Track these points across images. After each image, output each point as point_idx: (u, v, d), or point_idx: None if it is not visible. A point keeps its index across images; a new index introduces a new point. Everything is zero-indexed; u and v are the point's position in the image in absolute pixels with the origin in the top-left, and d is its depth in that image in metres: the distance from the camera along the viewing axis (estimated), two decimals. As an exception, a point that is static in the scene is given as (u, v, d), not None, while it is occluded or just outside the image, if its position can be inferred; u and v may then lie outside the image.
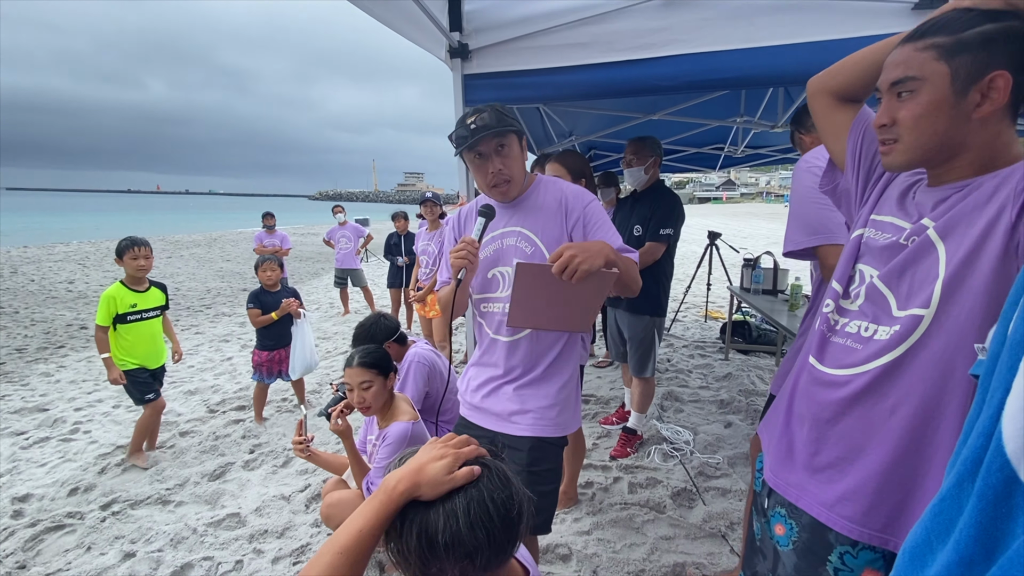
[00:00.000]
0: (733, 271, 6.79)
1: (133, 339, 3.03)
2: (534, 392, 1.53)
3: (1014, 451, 0.38)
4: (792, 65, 1.76)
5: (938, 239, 0.87)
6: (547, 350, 1.53)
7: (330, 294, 8.92)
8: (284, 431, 3.52)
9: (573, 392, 1.60)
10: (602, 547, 2.22)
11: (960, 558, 0.41)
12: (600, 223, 1.49)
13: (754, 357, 4.97)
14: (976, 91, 0.82)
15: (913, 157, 0.91)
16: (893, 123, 0.90)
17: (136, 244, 3.00)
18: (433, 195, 4.91)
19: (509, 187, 1.47)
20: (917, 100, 0.86)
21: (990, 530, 0.39)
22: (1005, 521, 0.38)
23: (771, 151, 5.43)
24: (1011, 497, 0.38)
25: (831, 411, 0.97)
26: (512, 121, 1.44)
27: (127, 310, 2.99)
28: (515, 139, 1.46)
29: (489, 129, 1.38)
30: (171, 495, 2.74)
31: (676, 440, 3.17)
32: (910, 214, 0.96)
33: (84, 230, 25.45)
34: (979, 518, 0.40)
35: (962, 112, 0.84)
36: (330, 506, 2.06)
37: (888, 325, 0.91)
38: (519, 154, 1.48)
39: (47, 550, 2.34)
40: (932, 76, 0.84)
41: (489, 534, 0.76)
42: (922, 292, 0.88)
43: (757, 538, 1.15)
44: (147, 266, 3.04)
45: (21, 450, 3.34)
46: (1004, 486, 0.38)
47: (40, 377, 4.84)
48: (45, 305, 8.03)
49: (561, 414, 1.54)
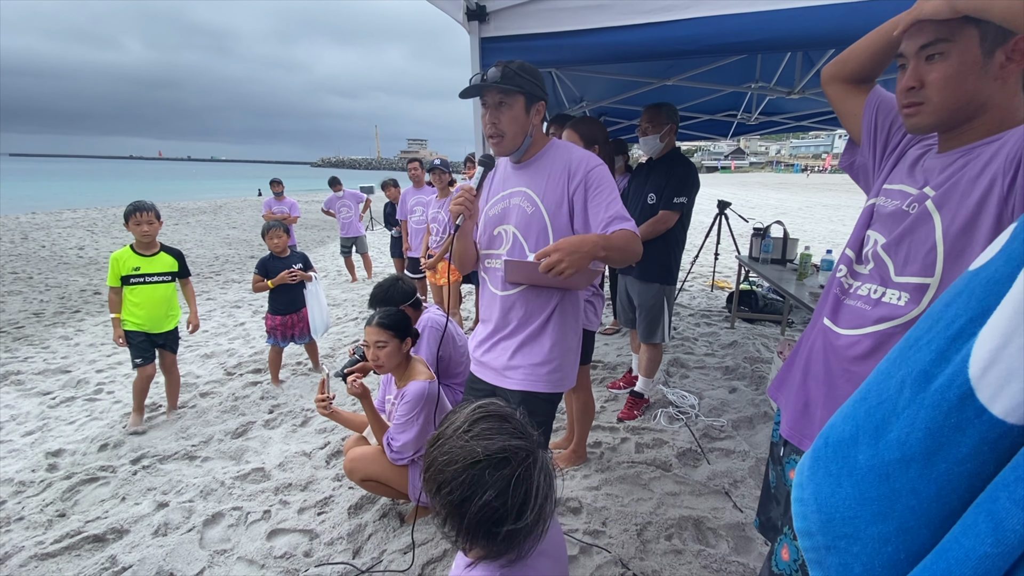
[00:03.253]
0: (741, 240, 6.78)
1: (137, 301, 3.08)
2: (527, 348, 1.60)
3: (976, 372, 0.43)
4: (818, 28, 1.73)
5: (935, 209, 0.92)
6: (540, 309, 1.58)
7: (337, 261, 8.98)
8: (301, 392, 3.63)
9: (568, 352, 1.65)
10: (611, 501, 2.32)
11: (903, 456, 0.47)
12: (600, 189, 1.51)
13: (759, 326, 5.02)
14: (1002, 52, 0.86)
15: (940, 118, 0.94)
16: (922, 85, 0.93)
17: (140, 209, 3.02)
18: (441, 162, 4.90)
19: (501, 142, 1.52)
20: (948, 62, 0.90)
21: (937, 437, 0.45)
22: (953, 431, 0.44)
23: (785, 119, 5.33)
24: (963, 411, 0.43)
25: (844, 367, 1.02)
26: (526, 82, 1.46)
27: (129, 272, 3.05)
28: (520, 100, 1.48)
29: (491, 83, 1.43)
30: (197, 451, 2.87)
31: (682, 404, 3.26)
32: (917, 180, 1.00)
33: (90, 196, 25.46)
34: (929, 425, 0.46)
35: (988, 73, 0.88)
36: (353, 460, 2.16)
37: (895, 289, 0.97)
38: (520, 115, 1.49)
39: (84, 500, 2.47)
40: (962, 38, 0.87)
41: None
42: (917, 259, 0.93)
43: (772, 486, 1.22)
44: (151, 231, 3.05)
45: (49, 409, 3.47)
46: (959, 400, 0.44)
47: (59, 340, 4.96)
48: (58, 271, 8.14)
49: (553, 372, 1.61)
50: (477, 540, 0.86)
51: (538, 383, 1.60)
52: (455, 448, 0.86)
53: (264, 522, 2.26)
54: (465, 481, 0.83)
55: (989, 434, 0.42)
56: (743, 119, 5.29)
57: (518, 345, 1.60)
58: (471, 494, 0.82)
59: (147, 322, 3.12)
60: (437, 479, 0.86)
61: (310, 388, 3.69)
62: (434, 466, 0.87)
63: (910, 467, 0.47)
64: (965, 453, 0.43)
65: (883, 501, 0.48)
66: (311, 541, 2.13)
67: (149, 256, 3.12)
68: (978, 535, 0.39)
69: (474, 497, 0.82)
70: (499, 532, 0.83)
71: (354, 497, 2.37)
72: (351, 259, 7.63)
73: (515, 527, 0.83)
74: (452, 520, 0.86)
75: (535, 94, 1.50)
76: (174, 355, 3.34)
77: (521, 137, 1.53)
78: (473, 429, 0.87)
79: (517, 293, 1.58)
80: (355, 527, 2.19)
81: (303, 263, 3.76)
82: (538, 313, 1.59)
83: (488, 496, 0.82)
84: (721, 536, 2.11)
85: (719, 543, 2.08)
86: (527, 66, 1.50)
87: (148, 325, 3.13)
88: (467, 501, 0.83)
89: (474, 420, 0.89)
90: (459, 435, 0.87)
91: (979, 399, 0.43)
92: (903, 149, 1.09)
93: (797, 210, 17.74)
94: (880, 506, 0.49)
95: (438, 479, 0.86)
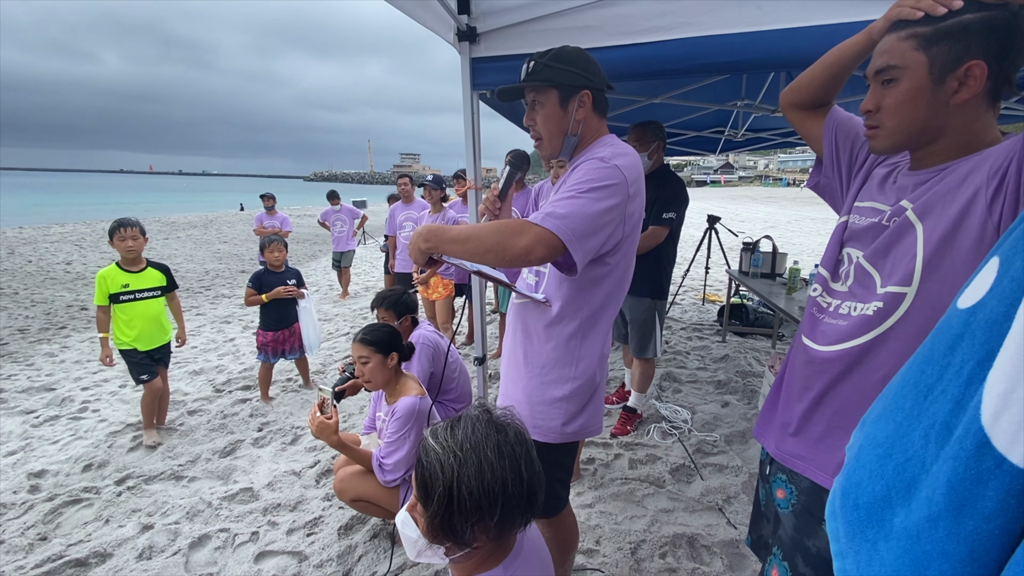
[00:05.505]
0: (731, 254, 6.84)
1: (128, 319, 3.04)
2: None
3: (988, 418, 0.41)
4: (797, 49, 1.77)
5: (916, 219, 0.92)
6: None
7: (329, 276, 8.94)
8: (291, 410, 3.59)
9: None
10: (604, 519, 2.31)
11: (929, 514, 0.44)
12: (565, 187, 1.27)
13: (751, 339, 5.05)
14: (953, 79, 0.86)
15: (896, 141, 0.96)
16: (877, 109, 0.95)
17: (124, 225, 2.98)
18: (434, 177, 4.92)
19: (541, 145, 1.39)
20: (898, 88, 0.91)
21: (960, 491, 0.42)
22: (975, 484, 0.41)
23: (771, 135, 5.43)
24: (981, 460, 0.41)
25: (823, 384, 1.03)
26: (558, 72, 1.29)
27: (118, 290, 3.00)
28: (553, 94, 1.31)
29: (517, 84, 1.34)
30: (184, 471, 2.81)
31: (675, 419, 3.25)
32: (889, 197, 1.01)
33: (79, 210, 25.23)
34: (950, 478, 0.43)
35: (940, 99, 0.88)
36: (343, 480, 2.13)
37: (871, 302, 0.97)
38: (555, 111, 1.33)
39: (66, 523, 2.41)
40: (911, 65, 0.88)
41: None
42: (901, 269, 0.93)
43: (763, 503, 1.22)
44: (136, 247, 3.02)
45: (32, 428, 3.40)
46: (976, 449, 0.41)
47: (44, 357, 4.88)
48: (44, 286, 8.03)
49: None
50: (479, 524, 0.86)
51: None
52: (433, 446, 0.88)
53: (252, 544, 2.21)
54: (451, 463, 0.85)
55: (1013, 485, 0.39)
56: (730, 135, 5.38)
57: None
58: (461, 472, 0.85)
59: (141, 339, 3.09)
60: (422, 476, 0.88)
61: (300, 405, 3.65)
62: (420, 466, 0.89)
63: (937, 526, 0.43)
64: (992, 508, 0.40)
65: (916, 566, 0.45)
66: (300, 563, 2.09)
67: (137, 272, 3.08)
68: None
69: (464, 473, 0.85)
70: (495, 509, 0.85)
71: (344, 517, 2.33)
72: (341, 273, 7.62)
73: (507, 497, 0.85)
74: (446, 515, 0.86)
75: (572, 84, 1.30)
76: (166, 369, 3.31)
77: (560, 136, 1.35)
78: (454, 428, 0.90)
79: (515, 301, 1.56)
80: (345, 548, 2.15)
81: (296, 279, 3.74)
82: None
83: (475, 469, 0.85)
84: (715, 553, 2.10)
85: (713, 561, 2.07)
86: (564, 53, 1.31)
87: (142, 342, 3.09)
88: (459, 484, 0.84)
89: (452, 423, 0.92)
90: (437, 434, 0.90)
91: (996, 447, 0.40)
92: (869, 168, 1.10)
93: (786, 224, 17.96)
94: (912, 572, 0.45)
95: (423, 476, 0.88)
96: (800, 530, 1.05)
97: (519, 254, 1.14)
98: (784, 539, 1.09)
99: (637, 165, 1.31)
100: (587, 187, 1.20)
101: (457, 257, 1.23)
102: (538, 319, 1.40)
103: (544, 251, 1.14)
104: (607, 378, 1.53)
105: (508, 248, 1.14)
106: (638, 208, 1.33)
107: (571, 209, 1.17)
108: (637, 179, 1.29)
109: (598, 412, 1.46)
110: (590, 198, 1.19)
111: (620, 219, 1.26)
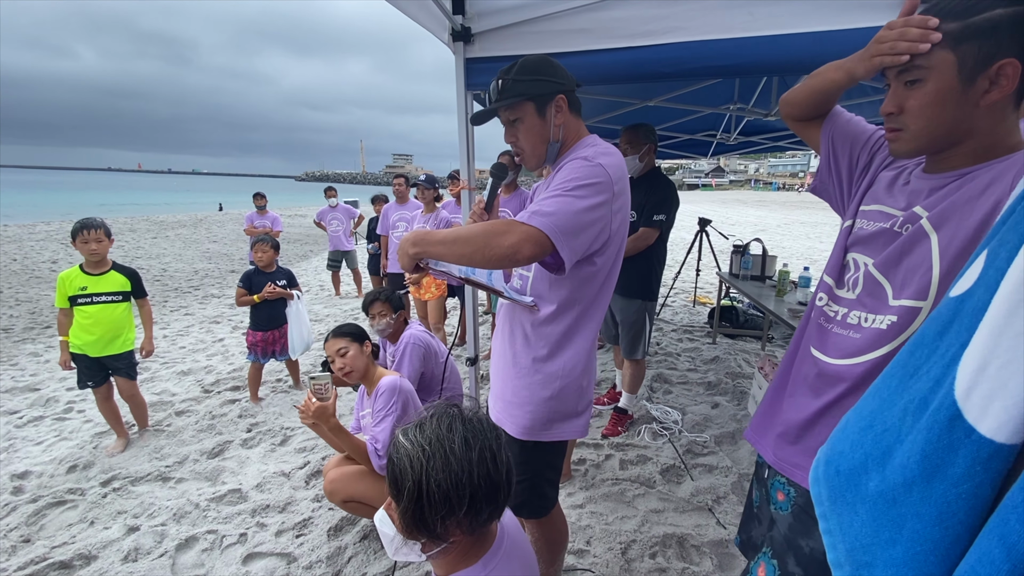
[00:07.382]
0: (722, 257, 6.90)
1: (89, 323, 2.90)
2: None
3: (961, 393, 0.45)
4: (788, 54, 1.80)
5: (931, 229, 0.87)
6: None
7: (320, 276, 8.89)
8: (280, 410, 3.56)
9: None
10: (595, 519, 2.31)
11: (904, 479, 0.49)
12: (550, 189, 1.27)
13: (741, 341, 5.09)
14: (984, 78, 0.80)
15: (919, 145, 0.90)
16: (900, 111, 0.89)
17: (87, 227, 2.82)
18: (427, 177, 4.92)
19: (524, 158, 1.40)
20: (924, 89, 0.85)
21: (933, 459, 0.47)
22: (946, 452, 0.46)
23: (763, 139, 5.48)
24: (953, 431, 0.45)
25: (832, 397, 1.00)
26: (529, 85, 1.28)
27: (76, 292, 2.88)
28: (529, 106, 1.31)
29: (491, 107, 1.35)
30: (171, 472, 2.78)
31: (665, 420, 3.27)
32: (899, 200, 0.96)
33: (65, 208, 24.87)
34: (924, 447, 0.48)
35: (969, 100, 0.82)
36: (333, 481, 2.12)
37: (885, 314, 0.92)
38: (535, 123, 1.33)
39: (50, 525, 2.37)
40: (938, 64, 0.82)
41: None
42: (914, 282, 0.88)
43: (756, 505, 1.22)
44: (99, 249, 2.86)
45: (15, 428, 3.34)
46: (948, 421, 0.46)
47: (29, 357, 4.80)
48: (29, 285, 7.91)
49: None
50: (449, 517, 0.86)
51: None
52: (403, 443, 0.89)
53: (240, 546, 2.19)
54: (419, 457, 0.85)
55: (980, 453, 0.43)
56: (722, 139, 5.42)
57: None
58: (428, 466, 0.85)
59: (90, 344, 2.92)
60: (393, 472, 0.88)
61: (290, 406, 3.62)
62: (391, 464, 0.89)
63: (912, 490, 0.48)
64: (960, 474, 0.44)
65: (892, 527, 0.50)
66: (289, 565, 2.07)
67: (97, 275, 2.93)
68: (993, 562, 0.39)
69: (431, 467, 0.84)
70: (463, 501, 0.85)
71: (334, 518, 2.31)
72: (338, 274, 7.56)
73: (475, 488, 0.85)
74: (417, 510, 0.85)
75: (545, 92, 1.30)
76: (132, 381, 3.11)
77: (543, 146, 1.36)
78: (423, 424, 0.91)
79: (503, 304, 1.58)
80: (335, 550, 2.14)
81: (287, 279, 3.71)
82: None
83: (442, 462, 0.85)
84: (705, 553, 2.11)
85: (703, 560, 2.08)
86: (528, 63, 1.32)
87: (91, 348, 2.93)
88: (427, 477, 0.84)
89: (421, 420, 0.92)
90: (408, 432, 0.90)
91: (967, 419, 0.44)
92: (875, 171, 1.06)
93: (776, 227, 18.14)
94: (890, 532, 0.50)
95: (394, 472, 0.88)
96: (796, 530, 1.05)
97: (506, 253, 1.13)
98: (777, 538, 1.10)
99: (621, 164, 1.31)
100: (572, 185, 1.20)
101: (446, 260, 1.22)
102: (526, 319, 1.40)
103: (531, 249, 1.14)
104: (596, 379, 1.54)
105: (495, 247, 1.13)
106: (624, 207, 1.33)
107: (557, 207, 1.17)
108: (621, 178, 1.29)
109: (586, 412, 1.46)
110: (575, 196, 1.19)
111: (606, 217, 1.26)
